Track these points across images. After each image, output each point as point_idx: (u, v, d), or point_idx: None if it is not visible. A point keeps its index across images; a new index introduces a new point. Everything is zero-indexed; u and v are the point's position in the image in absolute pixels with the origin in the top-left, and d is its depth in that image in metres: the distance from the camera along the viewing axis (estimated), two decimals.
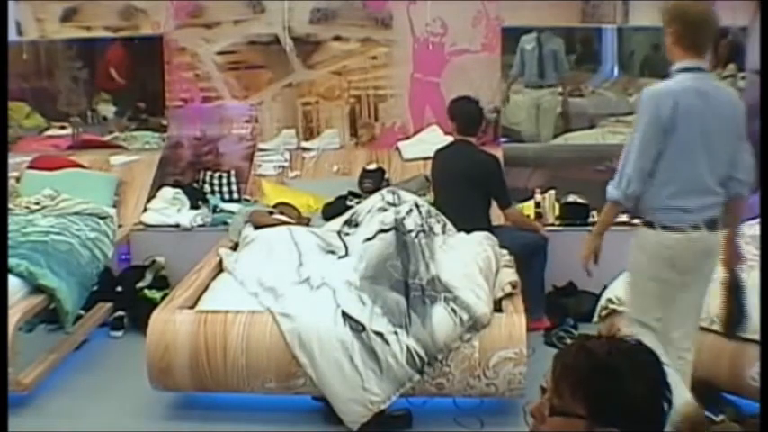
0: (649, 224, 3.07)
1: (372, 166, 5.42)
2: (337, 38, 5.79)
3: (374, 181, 5.19)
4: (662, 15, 3.06)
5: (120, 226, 4.99)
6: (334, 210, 4.85)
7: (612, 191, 3.06)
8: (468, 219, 4.35)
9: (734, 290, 3.28)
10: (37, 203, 4.72)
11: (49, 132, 6.19)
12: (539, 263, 4.52)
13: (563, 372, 1.50)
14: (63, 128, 6.16)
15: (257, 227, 4.43)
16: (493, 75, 5.72)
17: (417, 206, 4.21)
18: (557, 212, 5.04)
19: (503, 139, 5.73)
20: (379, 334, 3.44)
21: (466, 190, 4.50)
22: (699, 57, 3.01)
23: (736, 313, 3.30)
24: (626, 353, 1.50)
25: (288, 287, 3.73)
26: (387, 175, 5.36)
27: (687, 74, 3.00)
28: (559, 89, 5.87)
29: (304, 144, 5.85)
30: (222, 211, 5.22)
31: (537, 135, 5.86)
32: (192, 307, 3.78)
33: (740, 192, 3.14)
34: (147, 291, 4.77)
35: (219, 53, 5.88)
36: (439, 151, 4.81)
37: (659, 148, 2.94)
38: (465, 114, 4.69)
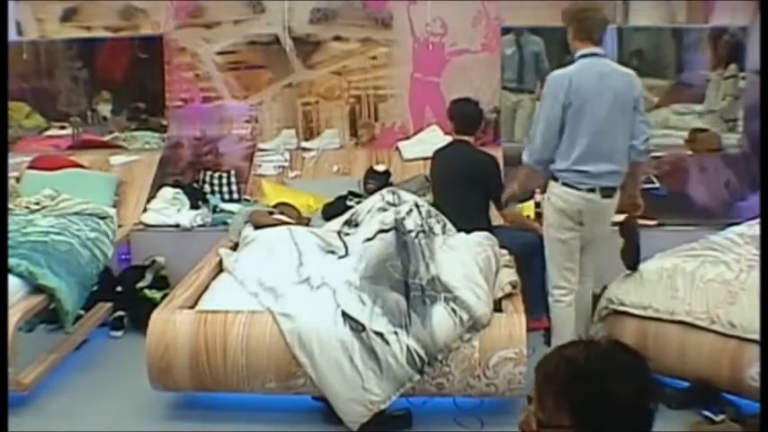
0: (555, 179, 3.71)
1: (381, 168, 5.40)
2: (337, 38, 5.79)
3: (379, 182, 5.17)
4: (562, 17, 3.78)
5: (120, 226, 4.99)
6: (334, 210, 4.85)
7: (525, 157, 3.76)
8: (467, 218, 4.35)
9: (630, 231, 3.93)
10: (37, 203, 4.72)
11: (49, 132, 6.19)
12: (538, 263, 4.50)
13: (544, 383, 1.47)
14: (63, 128, 6.16)
15: (257, 227, 4.43)
16: (493, 75, 5.72)
17: (417, 206, 4.21)
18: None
19: (502, 139, 5.73)
20: (379, 334, 3.44)
21: (464, 190, 4.50)
22: (594, 45, 3.66)
23: (633, 251, 3.93)
24: (606, 355, 1.47)
25: (288, 287, 3.73)
26: (392, 179, 5.33)
27: (586, 59, 3.63)
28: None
29: (304, 144, 5.85)
30: (222, 211, 5.22)
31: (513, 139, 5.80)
32: (192, 307, 3.78)
33: (638, 158, 3.74)
34: (147, 291, 4.77)
35: (219, 53, 5.88)
36: (438, 151, 4.81)
37: (560, 123, 3.59)
38: (463, 114, 4.69)
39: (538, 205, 5.00)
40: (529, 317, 3.70)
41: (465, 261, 3.86)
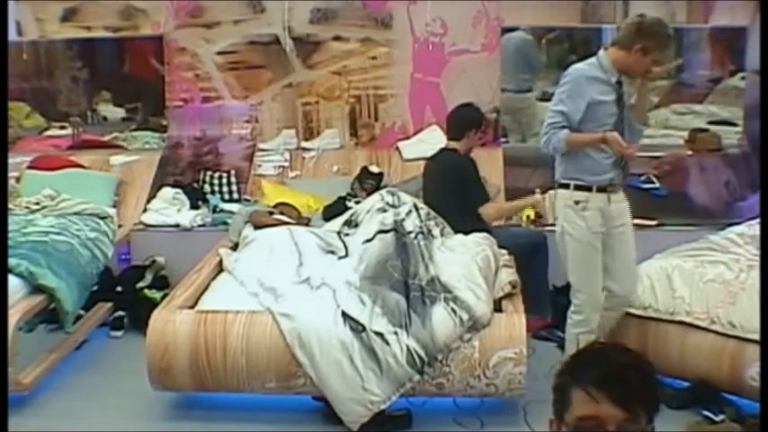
0: (565, 186, 3.56)
1: (375, 169, 5.38)
2: (337, 38, 5.79)
3: (374, 183, 5.17)
4: (636, 32, 3.44)
5: (120, 226, 4.99)
6: (334, 211, 4.84)
7: (554, 146, 3.53)
8: (455, 221, 4.29)
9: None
10: (37, 203, 4.72)
11: (49, 132, 6.21)
12: (540, 261, 4.51)
13: (632, 394, 1.47)
14: (63, 128, 6.18)
15: (257, 227, 4.43)
16: (493, 75, 5.72)
17: (416, 208, 4.21)
18: (557, 212, 5.02)
19: (503, 139, 5.73)
20: (379, 334, 3.44)
21: (447, 196, 4.45)
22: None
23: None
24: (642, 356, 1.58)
25: (288, 287, 3.73)
26: (387, 180, 5.31)
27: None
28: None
29: (304, 144, 5.85)
30: (222, 211, 5.22)
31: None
32: (192, 307, 3.78)
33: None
34: (147, 291, 4.77)
35: (219, 53, 5.88)
36: (428, 159, 4.80)
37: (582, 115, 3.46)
38: (451, 119, 4.69)
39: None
40: (531, 315, 3.70)
41: (464, 261, 3.86)
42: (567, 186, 3.57)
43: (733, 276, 3.66)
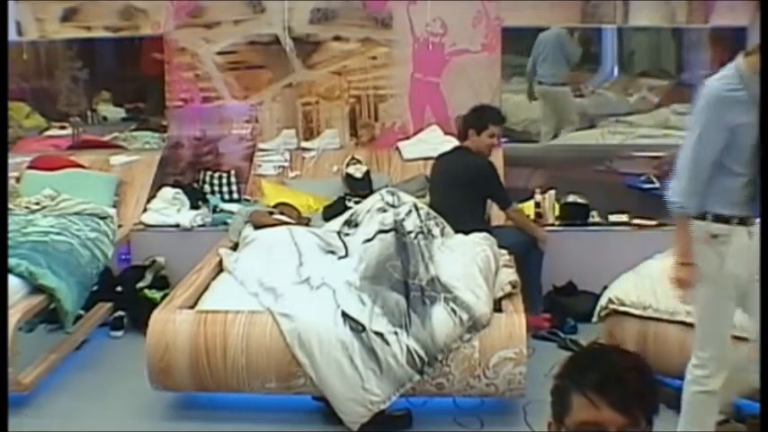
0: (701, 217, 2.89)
1: (359, 173, 5.34)
2: (337, 38, 5.78)
3: (367, 186, 5.17)
4: None
5: (120, 226, 4.98)
6: (333, 211, 4.85)
7: None
8: (459, 221, 4.32)
9: None
10: (37, 203, 4.72)
11: (49, 132, 6.20)
12: (535, 258, 4.52)
13: (632, 398, 1.49)
14: (63, 128, 6.17)
15: (257, 227, 4.44)
16: (493, 75, 5.71)
17: (416, 208, 4.21)
18: (557, 212, 5.04)
19: (503, 139, 5.72)
20: (379, 334, 3.44)
21: (457, 193, 4.48)
22: None
23: None
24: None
25: (288, 287, 3.74)
26: (386, 182, 5.31)
27: None
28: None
29: (304, 144, 5.85)
30: (222, 211, 5.22)
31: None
32: (192, 307, 3.78)
33: None
34: (147, 291, 4.77)
35: (219, 53, 5.87)
36: (440, 155, 4.82)
37: None
38: (461, 121, 4.73)
39: (538, 205, 5.00)
40: (528, 313, 3.71)
41: (464, 261, 3.87)
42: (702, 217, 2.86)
43: None
